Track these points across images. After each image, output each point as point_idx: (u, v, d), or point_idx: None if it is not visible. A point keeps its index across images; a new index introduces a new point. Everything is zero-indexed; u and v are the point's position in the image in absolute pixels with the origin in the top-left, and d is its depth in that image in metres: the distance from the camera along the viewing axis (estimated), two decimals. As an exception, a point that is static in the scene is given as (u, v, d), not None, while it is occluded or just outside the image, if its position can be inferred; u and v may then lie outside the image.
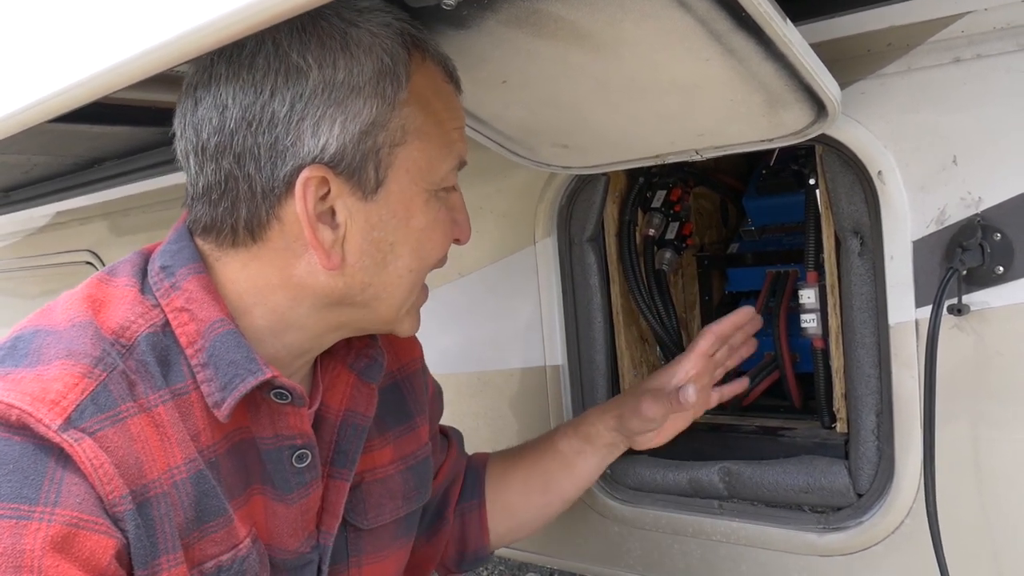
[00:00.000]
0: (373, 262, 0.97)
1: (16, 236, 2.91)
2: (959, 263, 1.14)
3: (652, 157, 1.33)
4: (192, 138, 0.95)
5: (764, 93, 1.07)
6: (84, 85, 0.87)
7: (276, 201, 0.93)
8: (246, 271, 0.97)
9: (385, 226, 0.96)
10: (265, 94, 0.90)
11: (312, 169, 0.91)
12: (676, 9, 0.89)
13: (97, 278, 0.98)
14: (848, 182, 1.25)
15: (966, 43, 1.11)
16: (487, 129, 1.28)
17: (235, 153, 0.92)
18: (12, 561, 0.77)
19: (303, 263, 0.96)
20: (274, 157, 0.91)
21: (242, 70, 0.90)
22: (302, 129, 0.90)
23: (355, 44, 0.90)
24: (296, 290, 0.98)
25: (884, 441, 1.28)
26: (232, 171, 0.92)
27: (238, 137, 0.91)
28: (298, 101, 0.89)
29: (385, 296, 1.00)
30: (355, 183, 0.93)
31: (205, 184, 0.95)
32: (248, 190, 0.93)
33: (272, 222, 0.94)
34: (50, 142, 1.93)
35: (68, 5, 0.92)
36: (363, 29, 0.91)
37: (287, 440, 1.01)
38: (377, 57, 0.91)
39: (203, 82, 0.93)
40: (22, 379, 0.85)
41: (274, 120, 0.90)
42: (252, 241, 0.96)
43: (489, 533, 1.40)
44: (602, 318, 1.57)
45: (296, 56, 0.89)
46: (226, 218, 0.95)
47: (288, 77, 0.89)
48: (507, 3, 0.91)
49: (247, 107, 0.90)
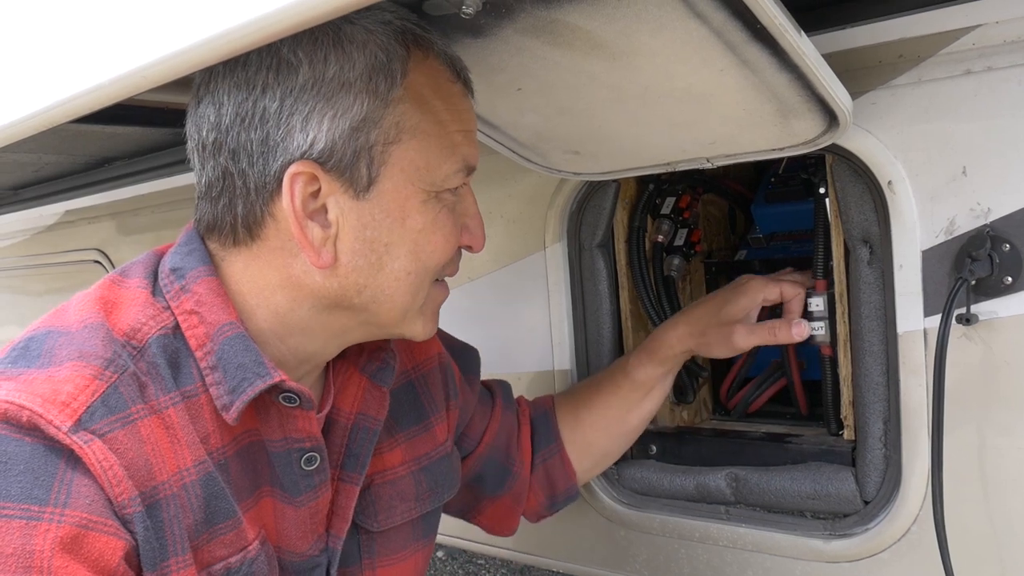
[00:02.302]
0: (367, 263, 0.96)
1: (25, 234, 2.91)
2: (968, 273, 1.15)
3: (663, 164, 1.34)
4: (195, 136, 0.96)
5: (776, 103, 1.07)
6: (109, 87, 0.88)
7: (269, 198, 0.93)
8: (248, 271, 0.98)
9: (379, 225, 0.95)
10: (257, 90, 0.90)
11: (300, 165, 0.91)
12: (692, 20, 0.90)
13: (110, 279, 0.99)
14: (858, 191, 1.26)
15: (977, 55, 1.12)
16: (500, 135, 1.29)
17: (230, 149, 0.92)
18: (22, 562, 0.78)
19: (299, 262, 0.96)
20: (265, 153, 0.91)
21: (237, 67, 0.91)
22: (292, 125, 0.90)
23: (348, 40, 0.90)
24: (295, 291, 0.97)
25: (891, 448, 1.29)
26: (228, 167, 0.93)
27: (232, 133, 0.92)
28: (288, 97, 0.90)
29: (384, 299, 0.99)
30: (347, 180, 0.93)
31: (207, 181, 0.96)
32: (243, 186, 0.93)
33: (267, 219, 0.95)
34: (62, 141, 1.94)
35: (94, 8, 0.93)
36: (358, 25, 0.91)
37: (296, 443, 1.01)
38: (371, 53, 0.91)
39: (204, 81, 0.95)
40: (34, 380, 0.85)
41: (265, 116, 0.90)
42: (251, 240, 0.96)
43: (575, 472, 1.44)
44: (611, 323, 1.58)
45: (287, 52, 0.90)
46: (225, 216, 0.96)
47: (279, 73, 0.90)
48: (525, 13, 0.92)
49: (240, 103, 0.91)
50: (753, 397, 1.62)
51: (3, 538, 0.78)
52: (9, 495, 0.80)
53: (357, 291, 0.98)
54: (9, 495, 0.80)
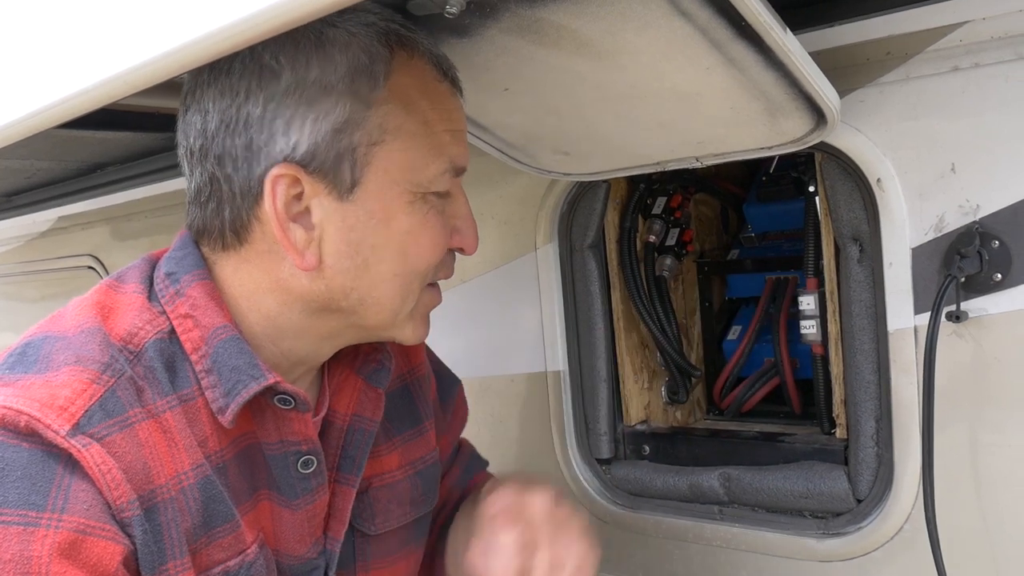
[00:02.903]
0: (353, 265, 0.96)
1: (19, 240, 2.91)
2: (957, 270, 1.15)
3: (653, 164, 1.34)
4: (184, 142, 0.97)
5: (764, 101, 1.07)
6: (92, 92, 0.88)
7: (254, 202, 0.93)
8: (238, 275, 0.98)
9: (363, 227, 0.95)
10: (240, 96, 0.91)
11: (281, 167, 0.91)
12: (677, 18, 0.90)
13: (106, 284, 0.99)
14: (847, 189, 1.26)
15: (964, 52, 1.12)
16: (489, 136, 1.29)
17: (215, 155, 0.93)
18: (20, 568, 0.78)
19: (286, 265, 0.96)
20: (249, 158, 0.92)
21: (221, 75, 0.92)
22: (274, 129, 0.91)
23: (330, 43, 0.90)
24: (284, 294, 0.97)
25: (883, 447, 1.29)
26: (215, 173, 0.94)
27: (218, 139, 0.92)
28: (270, 102, 0.90)
29: (371, 302, 0.99)
30: (330, 182, 0.92)
31: (196, 187, 0.97)
32: (229, 191, 0.94)
33: (253, 223, 0.95)
34: (53, 147, 1.94)
35: (78, 12, 0.92)
36: (341, 29, 0.91)
37: (292, 446, 1.01)
38: (353, 55, 0.91)
39: (191, 89, 0.95)
40: (31, 385, 0.85)
41: (248, 121, 0.91)
42: (239, 244, 0.97)
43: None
44: (603, 324, 1.58)
45: (269, 58, 0.90)
46: (214, 220, 0.96)
47: (262, 79, 0.90)
48: (509, 12, 0.92)
49: (224, 110, 0.92)
50: (746, 397, 1.62)
51: (1, 544, 0.78)
52: (7, 501, 0.80)
53: (344, 294, 0.97)
54: (7, 501, 0.80)
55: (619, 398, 1.61)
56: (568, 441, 1.62)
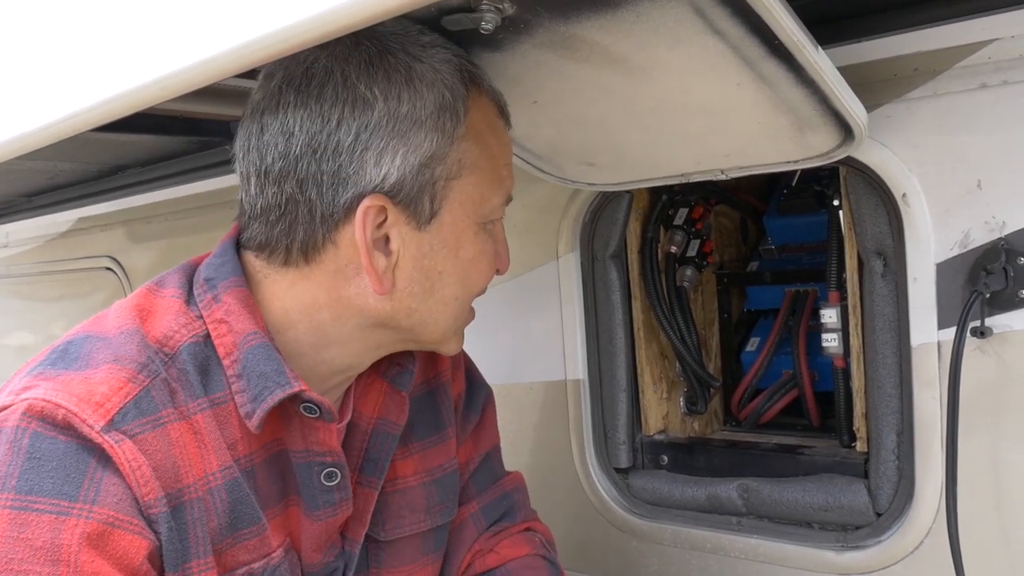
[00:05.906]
0: (421, 289, 1.00)
1: (38, 241, 2.93)
2: (983, 286, 1.15)
3: (678, 176, 1.34)
4: (256, 161, 0.97)
5: (792, 116, 1.08)
6: (129, 96, 0.90)
7: (334, 226, 0.95)
8: (294, 290, 1.00)
9: (435, 255, 0.99)
10: (332, 123, 0.92)
11: (373, 198, 0.93)
12: (710, 36, 0.90)
13: (146, 288, 1.02)
14: (872, 204, 1.26)
15: (993, 69, 1.13)
16: (516, 147, 1.29)
17: (299, 178, 0.94)
18: (50, 555, 0.81)
19: (353, 286, 0.98)
20: (336, 184, 0.93)
21: (310, 99, 0.93)
22: (365, 159, 0.93)
23: (419, 79, 0.93)
24: (343, 310, 1.00)
25: (904, 461, 1.29)
26: (294, 195, 0.95)
27: (303, 163, 0.94)
28: (363, 131, 0.92)
29: (430, 322, 1.03)
30: (411, 213, 0.96)
31: (264, 205, 0.98)
32: (307, 214, 0.95)
33: (327, 246, 0.97)
34: (77, 149, 1.96)
35: (118, 18, 0.94)
36: (427, 64, 0.94)
37: (317, 456, 1.02)
38: (439, 92, 0.94)
39: (270, 108, 0.96)
40: (70, 381, 0.88)
41: (339, 149, 0.92)
42: (304, 262, 0.98)
43: None
44: (623, 333, 1.59)
45: (364, 88, 0.92)
46: (281, 238, 0.98)
47: (355, 108, 0.92)
48: (543, 28, 0.93)
49: (313, 135, 0.93)
50: (765, 408, 1.63)
51: (34, 531, 0.81)
52: (42, 490, 0.83)
53: (407, 314, 1.01)
54: (42, 490, 0.83)
55: (638, 408, 1.61)
56: (587, 450, 1.63)
